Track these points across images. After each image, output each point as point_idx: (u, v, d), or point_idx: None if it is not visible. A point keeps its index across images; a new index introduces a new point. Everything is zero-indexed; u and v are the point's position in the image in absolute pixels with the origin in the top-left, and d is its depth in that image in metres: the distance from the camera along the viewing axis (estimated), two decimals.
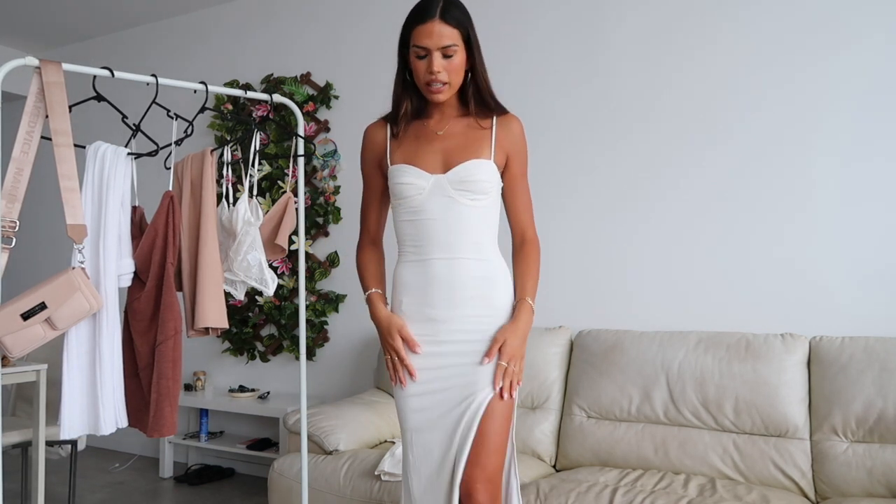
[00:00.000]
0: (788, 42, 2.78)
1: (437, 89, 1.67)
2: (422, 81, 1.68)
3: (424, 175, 1.69)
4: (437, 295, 1.70)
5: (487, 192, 1.70)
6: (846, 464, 2.35)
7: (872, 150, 2.63)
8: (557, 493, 2.28)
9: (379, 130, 1.81)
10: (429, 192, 1.69)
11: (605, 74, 3.14)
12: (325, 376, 3.83)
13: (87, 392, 1.95)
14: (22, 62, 1.87)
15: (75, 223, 1.87)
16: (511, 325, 1.70)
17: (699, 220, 2.93)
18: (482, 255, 1.71)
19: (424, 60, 1.65)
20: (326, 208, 3.80)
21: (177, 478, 3.93)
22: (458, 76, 1.68)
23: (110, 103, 2.12)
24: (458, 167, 1.68)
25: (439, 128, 1.74)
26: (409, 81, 1.74)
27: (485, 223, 1.72)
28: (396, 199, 1.74)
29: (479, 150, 1.71)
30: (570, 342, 3.00)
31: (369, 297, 1.80)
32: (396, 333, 1.71)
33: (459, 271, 1.69)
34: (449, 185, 1.68)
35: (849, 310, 2.64)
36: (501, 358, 1.67)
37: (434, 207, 1.69)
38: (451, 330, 1.70)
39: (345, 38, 3.86)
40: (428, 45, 1.63)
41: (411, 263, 1.74)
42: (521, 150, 1.78)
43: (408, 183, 1.70)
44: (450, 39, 1.63)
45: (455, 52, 1.64)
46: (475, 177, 1.68)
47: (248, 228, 2.22)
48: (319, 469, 2.65)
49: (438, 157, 1.71)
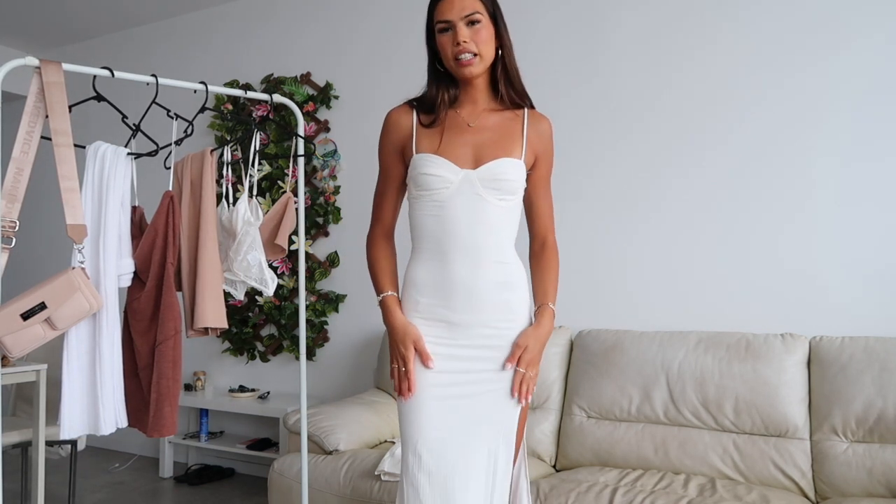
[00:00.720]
0: (788, 42, 2.78)
1: (466, 61, 1.58)
2: (450, 57, 1.60)
3: (454, 168, 1.61)
4: (456, 298, 1.62)
5: (515, 192, 1.64)
6: (846, 464, 2.35)
7: (872, 150, 2.63)
8: (557, 493, 2.28)
9: (404, 116, 1.70)
10: (456, 187, 1.60)
11: (605, 75, 3.14)
12: (325, 376, 3.83)
13: (87, 392, 1.95)
14: (22, 62, 1.87)
15: (75, 223, 1.87)
16: (534, 331, 1.64)
17: (699, 220, 2.93)
18: (503, 257, 1.65)
19: (449, 34, 1.59)
20: (326, 208, 3.80)
21: (177, 478, 3.93)
22: (487, 48, 1.61)
23: (110, 103, 2.12)
24: (491, 164, 1.61)
25: (471, 119, 1.67)
26: (441, 72, 1.68)
27: (508, 225, 1.66)
28: (419, 190, 1.64)
29: (512, 148, 1.64)
30: (570, 342, 3.00)
31: (384, 301, 1.69)
32: (411, 345, 1.62)
33: (481, 275, 1.62)
34: (479, 182, 1.60)
35: (849, 310, 2.64)
36: (520, 364, 1.62)
37: (460, 204, 1.60)
38: (470, 335, 1.63)
39: (345, 38, 3.86)
40: (450, 17, 1.57)
41: (429, 262, 1.65)
42: (550, 151, 1.73)
43: (435, 175, 1.60)
44: (472, 8, 1.57)
45: (480, 21, 1.58)
46: (507, 176, 1.61)
47: (248, 228, 2.22)
48: (319, 469, 2.65)
49: (469, 151, 1.63)
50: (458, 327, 1.63)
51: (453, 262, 1.62)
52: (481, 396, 1.64)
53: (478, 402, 1.63)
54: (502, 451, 1.63)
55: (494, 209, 1.62)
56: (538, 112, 1.74)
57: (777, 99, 2.79)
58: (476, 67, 1.61)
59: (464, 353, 1.64)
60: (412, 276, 1.68)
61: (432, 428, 1.61)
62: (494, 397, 1.64)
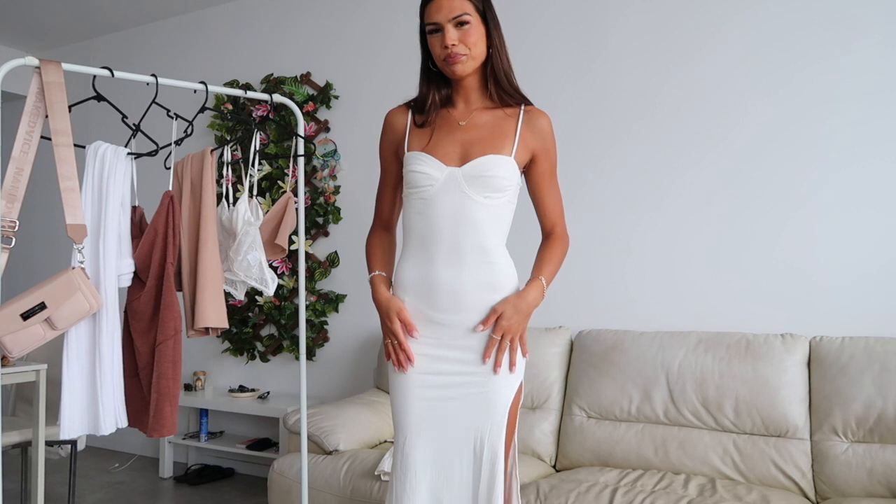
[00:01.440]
0: (788, 42, 2.78)
1: (455, 60, 1.60)
2: (439, 58, 1.62)
3: (439, 165, 1.62)
4: (440, 299, 1.64)
5: (503, 189, 1.63)
6: (846, 464, 2.35)
7: (872, 151, 2.63)
8: (557, 493, 2.28)
9: (400, 116, 1.74)
10: (441, 185, 1.61)
11: (604, 75, 3.13)
12: (325, 376, 3.83)
13: (87, 392, 1.95)
14: (22, 62, 1.87)
15: (75, 223, 1.87)
16: (512, 298, 1.63)
17: (699, 220, 2.92)
18: (489, 257, 1.64)
19: (438, 35, 1.60)
20: (326, 208, 3.80)
21: (177, 478, 3.93)
22: (477, 48, 1.62)
23: (110, 103, 2.12)
24: (475, 161, 1.61)
25: (463, 118, 1.68)
26: (433, 71, 1.69)
27: (496, 224, 1.65)
28: (409, 188, 1.67)
29: (501, 145, 1.64)
30: (570, 342, 3.00)
31: (372, 280, 1.73)
32: (395, 316, 1.65)
33: (465, 276, 1.62)
34: (463, 180, 1.61)
35: (849, 310, 2.64)
36: (495, 332, 1.61)
37: (444, 201, 1.61)
38: (454, 335, 1.64)
39: (345, 37, 3.86)
40: (438, 19, 1.59)
41: (415, 262, 1.67)
42: (549, 147, 1.71)
43: (420, 172, 1.63)
44: (460, 9, 1.58)
45: (469, 22, 1.59)
46: (491, 172, 1.61)
47: (248, 228, 2.22)
48: (319, 469, 2.65)
49: (457, 149, 1.64)
50: (442, 327, 1.65)
51: (437, 262, 1.64)
52: (468, 397, 1.64)
53: (464, 403, 1.64)
54: (488, 449, 1.62)
55: (480, 208, 1.61)
56: (536, 109, 1.72)
57: (777, 98, 2.79)
58: (465, 66, 1.62)
59: (450, 353, 1.65)
60: (399, 275, 1.71)
61: (420, 428, 1.65)
62: (482, 398, 1.63)
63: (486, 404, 1.63)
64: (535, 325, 2.97)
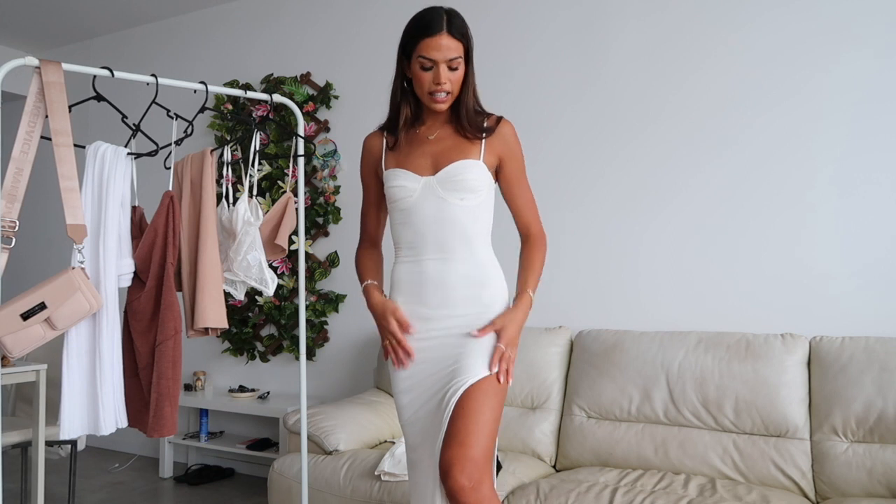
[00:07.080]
0: (794, 49, 2.78)
1: (440, 99, 1.70)
2: (425, 91, 1.71)
3: (414, 177, 1.73)
4: (429, 294, 1.73)
5: (476, 190, 1.72)
6: (846, 464, 2.35)
7: (872, 151, 2.63)
8: (557, 493, 2.28)
9: (375, 140, 1.87)
10: (419, 194, 1.72)
11: (610, 79, 3.13)
12: (325, 376, 3.83)
13: (87, 392, 1.95)
14: (22, 62, 1.87)
15: (75, 223, 1.87)
16: (510, 314, 1.73)
17: (699, 221, 2.92)
18: (474, 254, 1.74)
19: (430, 72, 1.69)
20: (326, 208, 3.80)
21: (177, 478, 3.93)
22: (458, 86, 1.73)
23: (110, 103, 2.12)
24: (447, 168, 1.72)
25: (430, 132, 1.78)
26: (407, 89, 1.78)
27: (476, 222, 1.74)
28: (390, 202, 1.78)
29: (469, 151, 1.74)
30: (570, 342, 3.00)
31: (365, 289, 1.84)
32: (391, 316, 1.74)
33: (452, 270, 1.72)
34: (438, 186, 1.71)
35: (849, 310, 2.64)
36: (500, 341, 1.69)
37: (425, 208, 1.72)
38: (441, 327, 1.72)
39: (345, 38, 3.86)
40: (436, 57, 1.66)
41: (406, 264, 1.77)
42: (515, 151, 1.80)
43: (399, 185, 1.74)
44: (456, 52, 1.67)
45: (459, 65, 1.69)
46: (463, 175, 1.70)
47: (248, 228, 2.22)
48: (319, 469, 2.65)
49: (428, 161, 1.75)
50: (431, 321, 1.73)
51: (426, 260, 1.74)
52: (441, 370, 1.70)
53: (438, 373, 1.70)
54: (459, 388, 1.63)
55: (457, 209, 1.72)
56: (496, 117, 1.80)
57: (777, 102, 2.79)
58: (446, 104, 1.73)
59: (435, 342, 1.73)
60: (393, 278, 1.81)
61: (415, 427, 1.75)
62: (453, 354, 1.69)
63: (461, 347, 1.69)
64: (535, 325, 2.98)
